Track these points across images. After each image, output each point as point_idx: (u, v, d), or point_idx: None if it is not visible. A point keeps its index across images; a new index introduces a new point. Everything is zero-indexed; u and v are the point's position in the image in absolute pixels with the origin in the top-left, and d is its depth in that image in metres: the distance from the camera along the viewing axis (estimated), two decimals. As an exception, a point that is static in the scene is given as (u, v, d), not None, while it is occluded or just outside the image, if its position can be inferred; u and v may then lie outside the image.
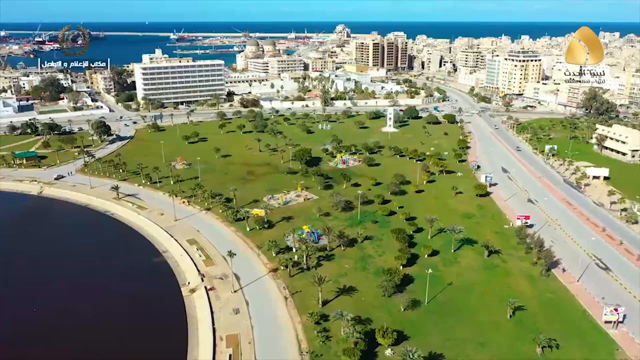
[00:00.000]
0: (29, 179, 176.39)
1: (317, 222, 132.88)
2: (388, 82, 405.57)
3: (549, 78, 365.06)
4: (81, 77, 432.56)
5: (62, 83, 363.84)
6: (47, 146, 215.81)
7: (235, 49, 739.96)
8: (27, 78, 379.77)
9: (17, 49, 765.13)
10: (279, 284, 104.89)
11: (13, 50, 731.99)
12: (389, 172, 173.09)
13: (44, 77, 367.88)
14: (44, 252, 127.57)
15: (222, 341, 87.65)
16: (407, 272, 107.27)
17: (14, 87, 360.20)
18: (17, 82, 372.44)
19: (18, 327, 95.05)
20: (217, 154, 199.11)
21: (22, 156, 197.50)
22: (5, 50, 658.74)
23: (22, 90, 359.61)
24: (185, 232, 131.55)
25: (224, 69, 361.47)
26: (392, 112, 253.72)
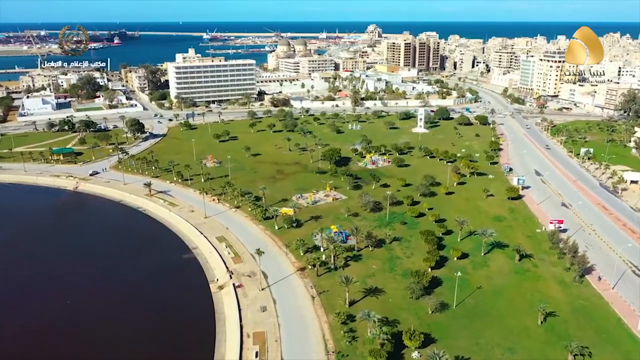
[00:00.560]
0: (65, 175, 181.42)
1: (345, 222, 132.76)
2: (419, 82, 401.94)
3: (586, 79, 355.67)
4: (117, 75, 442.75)
5: (99, 81, 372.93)
6: (83, 143, 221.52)
7: (267, 49, 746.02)
8: (65, 76, 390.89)
9: (56, 48, 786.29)
10: (306, 283, 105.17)
11: (52, 50, 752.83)
12: (419, 173, 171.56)
13: (81, 76, 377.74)
14: (79, 246, 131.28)
15: (249, 338, 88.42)
16: (436, 275, 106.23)
17: (53, 85, 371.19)
18: (56, 81, 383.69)
19: (52, 319, 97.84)
20: (247, 153, 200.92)
21: (60, 152, 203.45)
22: (45, 50, 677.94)
23: (60, 88, 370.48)
24: (214, 229, 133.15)
25: (255, 68, 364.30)
26: (422, 113, 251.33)
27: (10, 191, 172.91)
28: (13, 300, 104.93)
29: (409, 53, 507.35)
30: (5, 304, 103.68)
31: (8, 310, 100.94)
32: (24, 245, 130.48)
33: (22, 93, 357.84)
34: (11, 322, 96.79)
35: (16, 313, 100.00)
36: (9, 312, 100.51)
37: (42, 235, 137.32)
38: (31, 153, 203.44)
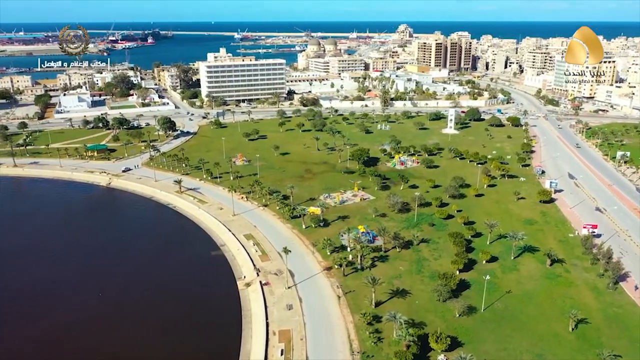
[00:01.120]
0: (99, 171, 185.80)
1: (372, 223, 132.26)
2: (450, 83, 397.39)
3: (623, 81, 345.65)
4: (150, 74, 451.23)
5: (132, 80, 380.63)
6: (116, 140, 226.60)
7: (297, 48, 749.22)
8: (100, 75, 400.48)
9: (92, 47, 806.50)
10: (333, 283, 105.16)
11: (89, 49, 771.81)
12: (448, 175, 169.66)
13: (115, 75, 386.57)
14: (111, 241, 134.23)
15: (274, 336, 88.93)
16: (464, 278, 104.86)
17: (88, 84, 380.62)
18: (91, 79, 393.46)
19: (83, 310, 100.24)
20: (275, 152, 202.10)
21: (94, 149, 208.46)
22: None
23: (95, 86, 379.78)
24: (242, 227, 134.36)
25: (285, 68, 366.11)
26: (453, 114, 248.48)
27: (47, 186, 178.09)
28: (48, 290, 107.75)
29: (440, 53, 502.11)
30: (41, 293, 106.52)
31: (43, 301, 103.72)
32: (59, 239, 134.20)
33: (59, 91, 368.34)
34: (45, 311, 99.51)
35: (50, 303, 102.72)
36: (44, 302, 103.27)
37: (76, 230, 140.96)
38: (67, 149, 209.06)
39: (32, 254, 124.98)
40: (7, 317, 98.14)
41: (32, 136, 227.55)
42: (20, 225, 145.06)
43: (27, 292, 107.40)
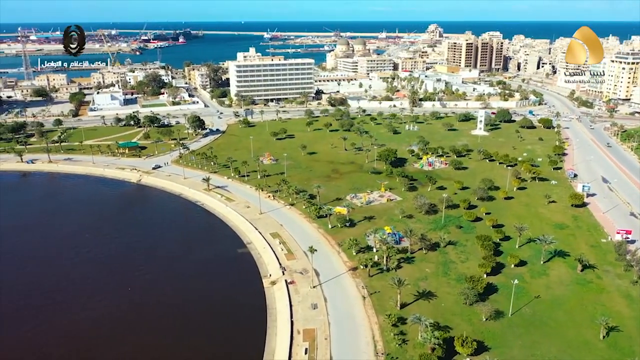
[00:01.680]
0: (129, 168, 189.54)
1: (399, 224, 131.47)
2: (480, 83, 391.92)
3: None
4: (180, 73, 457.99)
5: (163, 79, 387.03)
6: (147, 137, 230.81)
7: (326, 48, 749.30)
8: (133, 74, 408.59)
9: (125, 47, 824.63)
10: (358, 283, 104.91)
11: (122, 48, 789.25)
12: (477, 177, 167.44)
13: (147, 73, 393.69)
14: (140, 236, 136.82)
15: (299, 334, 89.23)
16: (491, 281, 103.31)
17: (121, 82, 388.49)
18: (124, 78, 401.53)
19: (114, 305, 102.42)
20: (303, 151, 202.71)
21: (125, 146, 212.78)
22: (115, 48, 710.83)
23: (127, 85, 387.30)
24: (269, 225, 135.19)
25: (313, 67, 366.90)
26: (483, 115, 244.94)
27: (79, 182, 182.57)
28: (79, 284, 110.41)
29: (470, 53, 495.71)
30: (72, 287, 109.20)
31: (74, 295, 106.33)
32: (90, 234, 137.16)
33: (93, 89, 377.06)
34: (76, 305, 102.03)
35: (81, 297, 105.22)
36: (75, 296, 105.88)
37: (107, 225, 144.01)
38: (99, 146, 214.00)
39: (64, 249, 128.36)
40: (41, 310, 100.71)
41: (66, 133, 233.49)
42: (53, 220, 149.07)
43: (59, 285, 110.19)
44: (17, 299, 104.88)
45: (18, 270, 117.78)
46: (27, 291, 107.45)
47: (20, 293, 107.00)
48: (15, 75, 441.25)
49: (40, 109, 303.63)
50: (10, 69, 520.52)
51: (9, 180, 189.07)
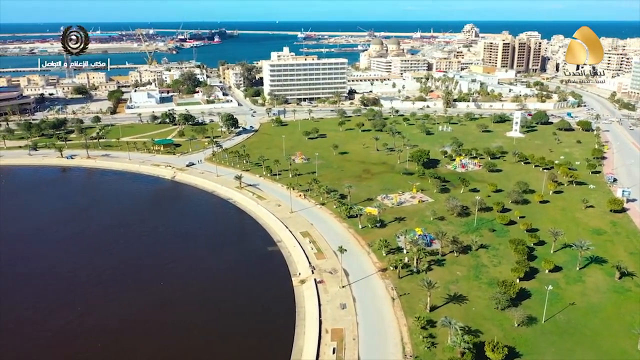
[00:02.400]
0: (164, 164, 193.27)
1: (430, 226, 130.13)
2: (517, 84, 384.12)
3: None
4: (215, 72, 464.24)
5: (198, 78, 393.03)
6: (181, 135, 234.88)
7: (360, 48, 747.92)
8: (169, 72, 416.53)
9: (162, 46, 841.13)
10: (387, 284, 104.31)
11: (159, 47, 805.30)
12: (512, 180, 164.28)
13: (183, 72, 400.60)
14: (172, 232, 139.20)
15: (327, 334, 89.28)
16: (524, 287, 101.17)
17: (158, 81, 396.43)
18: (160, 76, 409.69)
19: (147, 298, 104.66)
20: (334, 151, 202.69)
21: (161, 143, 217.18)
22: (152, 47, 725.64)
23: (164, 83, 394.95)
24: (299, 224, 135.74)
25: (347, 67, 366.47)
26: (519, 116, 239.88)
27: (116, 178, 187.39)
28: (114, 277, 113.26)
29: (507, 54, 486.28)
30: (107, 281, 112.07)
31: (109, 288, 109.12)
32: (125, 229, 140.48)
33: (130, 87, 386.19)
34: (109, 298, 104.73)
35: (114, 290, 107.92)
36: (109, 289, 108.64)
37: (141, 220, 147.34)
38: (135, 143, 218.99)
39: (100, 243, 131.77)
40: (77, 302, 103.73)
41: (104, 130, 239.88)
42: (90, 215, 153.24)
43: (95, 278, 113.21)
44: (50, 291, 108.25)
45: (54, 263, 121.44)
46: (62, 283, 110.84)
47: (55, 285, 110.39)
48: (57, 73, 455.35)
49: (80, 106, 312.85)
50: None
51: (49, 174, 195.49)
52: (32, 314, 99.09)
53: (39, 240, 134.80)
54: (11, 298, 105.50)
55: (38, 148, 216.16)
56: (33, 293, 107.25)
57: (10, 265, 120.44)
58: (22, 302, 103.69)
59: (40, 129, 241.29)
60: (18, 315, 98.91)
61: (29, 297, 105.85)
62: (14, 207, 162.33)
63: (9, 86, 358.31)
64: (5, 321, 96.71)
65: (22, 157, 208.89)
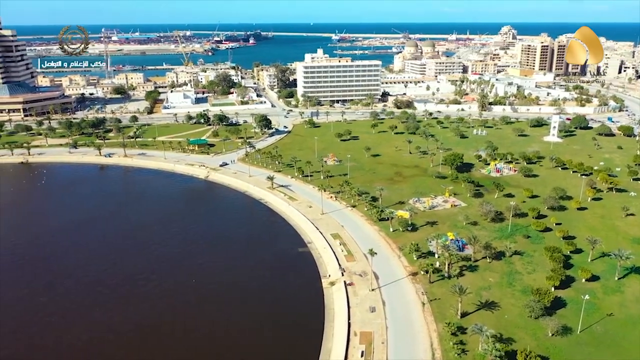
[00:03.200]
0: (198, 164, 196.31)
1: (462, 230, 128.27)
2: (555, 87, 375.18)
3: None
4: (249, 73, 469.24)
5: (233, 79, 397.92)
6: (215, 135, 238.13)
7: (394, 50, 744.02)
8: (205, 73, 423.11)
9: (198, 48, 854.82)
10: (418, 289, 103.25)
11: (195, 49, 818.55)
12: (548, 185, 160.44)
13: (218, 73, 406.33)
14: (205, 231, 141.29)
15: (355, 337, 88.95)
16: (559, 295, 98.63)
17: (193, 81, 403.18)
18: (196, 77, 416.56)
19: (179, 296, 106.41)
20: (367, 153, 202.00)
21: (195, 143, 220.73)
22: (189, 49, 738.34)
23: (199, 84, 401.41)
24: (330, 226, 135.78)
25: (380, 69, 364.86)
26: (557, 121, 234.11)
27: (151, 176, 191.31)
28: (147, 273, 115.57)
29: (545, 56, 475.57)
30: (141, 278, 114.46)
31: (143, 282, 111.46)
32: (159, 227, 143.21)
33: (167, 88, 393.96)
34: (144, 293, 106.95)
35: (148, 286, 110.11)
36: (143, 286, 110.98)
37: (175, 218, 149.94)
38: (171, 142, 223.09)
39: (135, 240, 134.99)
40: (112, 300, 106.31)
41: (141, 129, 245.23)
42: (126, 212, 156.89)
43: (130, 274, 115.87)
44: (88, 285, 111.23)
45: (91, 258, 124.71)
46: (99, 278, 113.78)
47: (91, 280, 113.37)
48: (97, 73, 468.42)
49: (118, 105, 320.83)
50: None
51: (88, 172, 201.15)
52: (71, 305, 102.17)
53: (77, 235, 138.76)
54: (53, 291, 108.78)
55: (78, 146, 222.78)
56: (73, 287, 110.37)
57: (51, 258, 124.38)
58: (65, 295, 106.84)
59: (80, 128, 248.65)
60: (60, 307, 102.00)
61: (70, 290, 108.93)
62: (54, 203, 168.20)
63: (52, 86, 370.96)
64: (50, 312, 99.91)
65: (62, 155, 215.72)
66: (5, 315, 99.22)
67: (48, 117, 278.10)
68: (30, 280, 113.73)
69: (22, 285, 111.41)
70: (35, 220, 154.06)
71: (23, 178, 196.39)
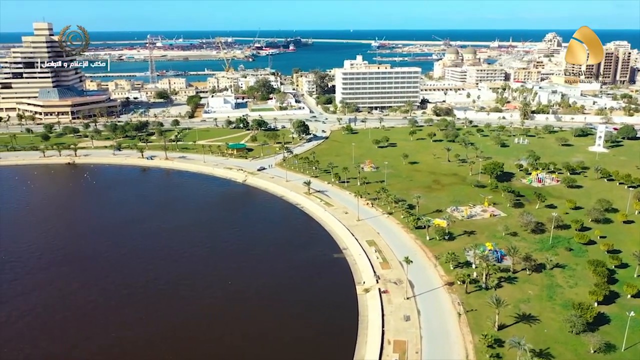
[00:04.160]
0: (236, 168, 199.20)
1: (501, 241, 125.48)
2: (602, 96, 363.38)
3: None
4: (289, 79, 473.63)
5: (272, 84, 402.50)
6: (254, 140, 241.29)
7: (434, 57, 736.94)
8: (245, 79, 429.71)
9: (239, 54, 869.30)
10: (454, 299, 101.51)
11: (236, 55, 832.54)
12: (592, 197, 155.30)
13: (258, 79, 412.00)
14: (241, 234, 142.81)
15: (389, 345, 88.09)
16: (603, 311, 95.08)
17: (234, 87, 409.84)
18: (237, 83, 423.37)
19: (214, 298, 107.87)
20: (404, 160, 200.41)
21: (234, 147, 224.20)
22: (230, 55, 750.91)
23: (239, 89, 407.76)
24: (365, 232, 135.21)
25: (420, 76, 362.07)
26: (603, 130, 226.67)
27: (191, 179, 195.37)
28: (183, 274, 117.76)
29: (592, 64, 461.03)
30: (179, 279, 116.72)
31: (181, 286, 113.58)
32: (197, 229, 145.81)
33: (208, 93, 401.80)
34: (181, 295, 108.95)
35: (183, 288, 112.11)
36: (181, 287, 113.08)
37: (212, 221, 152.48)
38: (210, 146, 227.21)
39: (173, 241, 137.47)
40: (148, 300, 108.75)
41: (182, 133, 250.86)
42: (166, 214, 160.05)
43: (166, 275, 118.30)
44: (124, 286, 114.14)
45: (131, 258, 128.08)
46: (140, 277, 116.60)
47: (133, 280, 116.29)
48: (141, 78, 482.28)
49: (161, 109, 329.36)
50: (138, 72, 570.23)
51: (131, 174, 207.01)
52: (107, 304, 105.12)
53: (117, 235, 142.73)
54: (90, 290, 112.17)
55: (122, 148, 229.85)
56: (110, 286, 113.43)
57: (92, 257, 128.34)
58: (101, 294, 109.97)
59: (124, 131, 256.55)
60: (96, 305, 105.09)
61: (107, 290, 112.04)
62: (97, 203, 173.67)
63: (99, 90, 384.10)
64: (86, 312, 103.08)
65: (107, 157, 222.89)
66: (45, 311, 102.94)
67: (94, 120, 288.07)
68: (72, 278, 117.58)
69: (66, 282, 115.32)
70: (79, 219, 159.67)
71: (70, 178, 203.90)
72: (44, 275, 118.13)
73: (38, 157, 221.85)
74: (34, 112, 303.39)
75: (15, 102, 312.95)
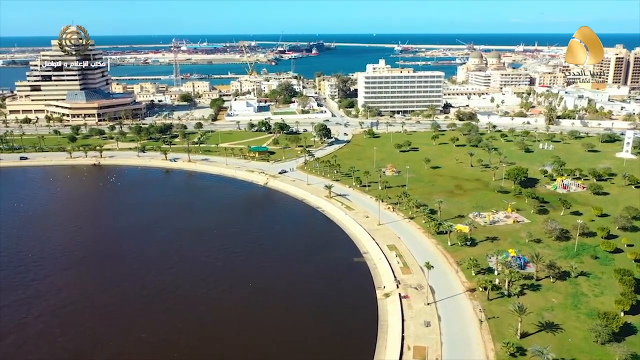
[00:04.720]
0: (258, 171, 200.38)
1: (524, 248, 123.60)
2: (630, 102, 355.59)
3: None
4: (311, 83, 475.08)
5: (295, 88, 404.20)
6: (276, 143, 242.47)
7: (457, 61, 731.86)
8: (267, 82, 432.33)
9: (262, 57, 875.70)
10: (475, 306, 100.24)
11: (259, 59, 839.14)
12: (620, 204, 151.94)
13: (280, 83, 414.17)
14: (262, 237, 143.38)
15: (409, 350, 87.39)
16: (629, 321, 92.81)
17: (256, 90, 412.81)
18: (259, 86, 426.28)
19: (236, 300, 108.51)
20: (426, 165, 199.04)
21: (256, 150, 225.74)
22: (253, 58, 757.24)
23: (262, 93, 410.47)
24: (386, 237, 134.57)
25: (443, 80, 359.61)
26: (631, 136, 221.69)
27: (213, 181, 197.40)
28: (204, 275, 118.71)
29: (620, 68, 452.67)
30: (201, 280, 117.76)
31: (199, 283, 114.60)
32: (217, 230, 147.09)
33: (231, 96, 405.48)
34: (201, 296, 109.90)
35: (203, 289, 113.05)
36: (203, 288, 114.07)
37: (234, 223, 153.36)
38: (233, 149, 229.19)
39: (195, 242, 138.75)
40: (170, 301, 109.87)
41: (205, 135, 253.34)
42: (188, 215, 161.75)
43: (187, 276, 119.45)
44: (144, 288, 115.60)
45: (154, 258, 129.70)
46: (162, 277, 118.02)
47: (148, 282, 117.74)
48: (166, 81, 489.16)
49: (184, 112, 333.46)
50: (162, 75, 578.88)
51: (154, 175, 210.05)
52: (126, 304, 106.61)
53: (140, 236, 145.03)
54: (112, 290, 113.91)
55: (146, 150, 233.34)
56: (130, 287, 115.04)
57: (114, 257, 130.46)
58: (122, 294, 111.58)
59: (148, 133, 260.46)
60: (116, 306, 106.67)
61: (128, 290, 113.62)
62: (121, 204, 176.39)
63: (124, 92, 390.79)
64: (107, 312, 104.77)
65: (131, 158, 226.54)
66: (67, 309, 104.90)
67: (120, 122, 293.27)
68: (94, 277, 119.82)
69: (89, 281, 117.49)
70: (103, 220, 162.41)
71: (95, 179, 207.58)
72: (67, 275, 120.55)
73: (65, 158, 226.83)
74: (61, 114, 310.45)
75: (43, 104, 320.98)
